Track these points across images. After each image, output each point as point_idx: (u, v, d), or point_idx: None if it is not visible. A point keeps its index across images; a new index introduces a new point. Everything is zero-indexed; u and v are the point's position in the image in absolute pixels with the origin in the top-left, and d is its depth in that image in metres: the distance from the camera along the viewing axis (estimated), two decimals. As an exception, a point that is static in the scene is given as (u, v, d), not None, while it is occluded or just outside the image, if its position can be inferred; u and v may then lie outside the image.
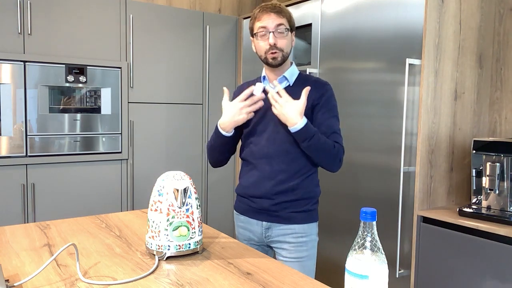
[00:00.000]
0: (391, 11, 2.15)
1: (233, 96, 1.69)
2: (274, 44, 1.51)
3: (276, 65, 1.55)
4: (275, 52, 1.52)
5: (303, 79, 1.61)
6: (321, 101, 1.54)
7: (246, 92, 1.53)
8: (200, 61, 3.26)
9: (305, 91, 1.46)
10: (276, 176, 1.55)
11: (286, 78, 1.59)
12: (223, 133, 1.57)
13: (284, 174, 1.54)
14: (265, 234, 1.61)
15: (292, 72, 1.60)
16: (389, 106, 2.17)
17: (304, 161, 1.55)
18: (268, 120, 1.57)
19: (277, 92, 1.48)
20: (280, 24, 1.51)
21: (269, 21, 1.51)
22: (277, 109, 1.46)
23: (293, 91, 1.55)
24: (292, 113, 1.43)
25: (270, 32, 1.51)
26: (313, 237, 1.61)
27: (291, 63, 1.63)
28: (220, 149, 1.63)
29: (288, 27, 1.54)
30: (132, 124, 2.98)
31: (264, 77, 1.62)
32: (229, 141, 1.60)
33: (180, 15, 3.14)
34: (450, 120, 2.13)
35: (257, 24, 1.54)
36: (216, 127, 1.59)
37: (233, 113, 1.53)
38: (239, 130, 1.66)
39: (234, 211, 1.72)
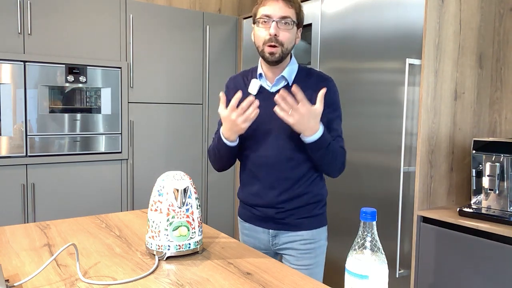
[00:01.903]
0: (391, 11, 2.15)
1: (226, 89, 1.56)
2: (275, 35, 1.34)
3: (273, 61, 1.39)
4: (274, 46, 1.36)
5: (304, 75, 1.46)
6: (325, 100, 1.37)
7: (234, 100, 1.32)
8: (200, 61, 3.26)
9: (321, 96, 1.28)
10: (279, 185, 1.44)
11: (284, 78, 1.44)
12: (227, 143, 1.40)
13: (288, 182, 1.44)
14: (272, 242, 1.52)
15: (291, 69, 1.45)
16: (389, 106, 2.17)
17: (307, 166, 1.45)
18: (265, 123, 1.43)
19: (289, 94, 1.28)
20: (286, 17, 1.35)
21: (275, 8, 1.34)
22: (294, 118, 1.27)
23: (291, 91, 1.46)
24: (312, 122, 1.27)
25: (273, 21, 1.34)
26: (322, 242, 1.52)
27: (291, 57, 1.47)
28: (228, 157, 1.47)
29: (295, 20, 1.38)
30: (132, 124, 2.98)
31: (260, 74, 1.47)
32: (235, 148, 1.44)
33: (180, 15, 3.14)
34: (450, 120, 2.13)
35: (261, 10, 1.37)
36: (219, 136, 1.42)
37: (230, 125, 1.35)
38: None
39: (238, 217, 1.62)
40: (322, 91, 1.29)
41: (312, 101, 1.36)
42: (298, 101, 1.26)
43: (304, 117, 1.27)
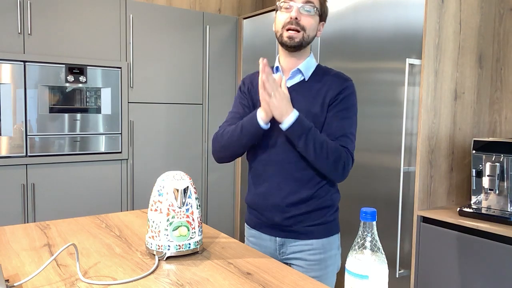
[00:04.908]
0: (391, 11, 2.15)
1: (242, 83, 1.52)
2: (296, 18, 1.30)
3: (291, 46, 1.33)
4: (295, 30, 1.31)
5: (321, 73, 1.40)
6: (338, 98, 1.34)
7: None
8: (200, 61, 3.26)
9: (283, 82, 1.27)
10: (287, 186, 1.37)
11: (300, 72, 1.38)
12: (262, 125, 1.31)
13: (296, 184, 1.37)
14: (279, 251, 1.44)
15: (308, 65, 1.39)
16: (389, 106, 2.17)
17: (316, 169, 1.37)
18: (274, 121, 1.35)
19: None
20: (309, 1, 1.31)
21: None
22: (272, 101, 1.24)
23: (308, 86, 1.37)
24: (287, 105, 1.24)
25: (295, 6, 1.31)
26: (333, 252, 1.42)
27: (310, 53, 1.42)
28: (247, 143, 1.37)
29: (318, 8, 1.34)
30: (132, 124, 2.98)
31: (277, 67, 1.42)
32: (261, 133, 1.34)
33: (180, 15, 3.14)
34: (450, 120, 2.13)
35: None
36: (254, 117, 1.32)
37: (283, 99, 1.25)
38: None
39: (245, 224, 1.56)
40: (283, 80, 1.28)
41: (326, 98, 1.35)
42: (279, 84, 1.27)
43: (283, 100, 1.25)
